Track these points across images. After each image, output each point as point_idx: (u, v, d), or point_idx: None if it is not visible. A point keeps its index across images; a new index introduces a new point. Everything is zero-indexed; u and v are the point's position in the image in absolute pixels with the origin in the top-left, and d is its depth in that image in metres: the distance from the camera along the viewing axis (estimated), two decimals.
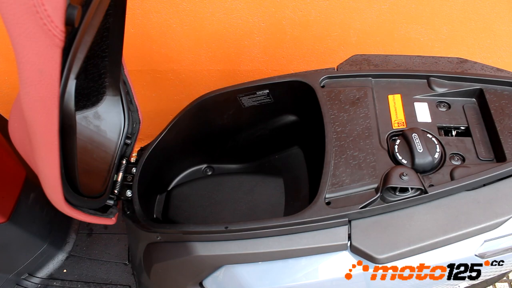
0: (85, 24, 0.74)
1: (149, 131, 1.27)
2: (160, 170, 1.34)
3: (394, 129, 1.08)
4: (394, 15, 1.67)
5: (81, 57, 0.76)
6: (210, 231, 1.00)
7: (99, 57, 1.05)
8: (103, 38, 1.02)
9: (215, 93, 1.22)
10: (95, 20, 0.81)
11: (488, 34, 1.75)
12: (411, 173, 0.96)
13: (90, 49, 0.94)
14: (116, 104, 1.18)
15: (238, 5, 1.60)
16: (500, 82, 1.12)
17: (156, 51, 1.78)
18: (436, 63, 1.23)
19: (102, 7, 0.84)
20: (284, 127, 1.33)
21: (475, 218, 0.95)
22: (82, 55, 0.76)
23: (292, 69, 1.21)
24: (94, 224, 1.63)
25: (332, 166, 1.01)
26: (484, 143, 1.06)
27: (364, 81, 1.18)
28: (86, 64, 1.00)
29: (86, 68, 1.02)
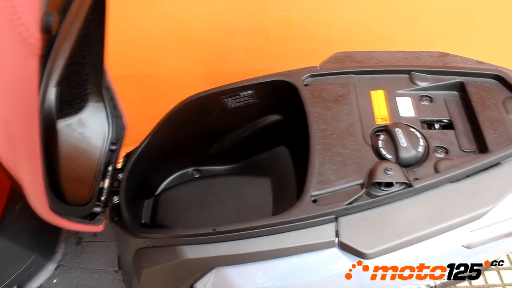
0: (63, 31, 0.74)
1: (135, 136, 1.27)
2: (147, 175, 1.33)
3: (378, 125, 1.09)
4: (376, 12, 1.68)
5: (60, 64, 0.76)
6: (198, 234, 1.00)
7: (81, 63, 1.04)
8: (84, 45, 1.01)
9: (199, 96, 1.21)
10: (74, 27, 0.81)
11: (468, 28, 1.77)
12: (396, 167, 0.97)
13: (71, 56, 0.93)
14: (100, 110, 1.18)
15: (220, 7, 1.60)
16: (481, 75, 1.14)
17: (139, 55, 1.78)
18: (417, 58, 1.24)
19: (81, 13, 0.84)
20: (269, 127, 1.34)
21: (460, 209, 0.96)
22: (61, 63, 0.76)
23: (276, 68, 1.22)
24: (83, 232, 1.62)
25: (317, 164, 1.02)
26: (466, 135, 1.07)
27: (346, 78, 1.18)
28: (67, 71, 1.00)
29: (67, 75, 1.01)
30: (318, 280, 1.03)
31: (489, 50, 1.86)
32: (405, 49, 1.31)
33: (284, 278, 1.03)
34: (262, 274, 1.04)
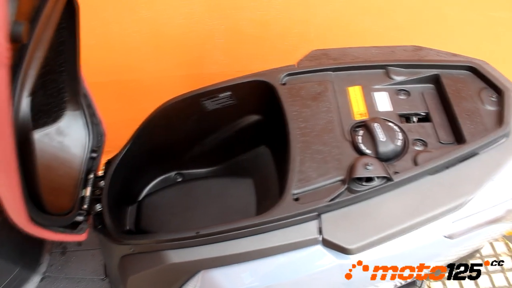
0: (35, 39, 0.73)
1: (116, 143, 1.26)
2: (129, 181, 1.33)
3: (356, 121, 1.09)
4: (351, 8, 1.69)
5: (33, 73, 0.75)
6: (182, 238, 1.00)
7: (56, 72, 1.03)
8: (58, 53, 1.01)
9: (177, 99, 1.21)
10: (46, 35, 0.80)
11: (441, 20, 1.79)
12: (376, 162, 0.97)
13: (45, 65, 0.93)
14: (78, 118, 1.17)
15: (196, 9, 1.60)
16: (455, 67, 1.15)
17: (117, 61, 1.77)
18: (392, 52, 1.25)
19: (53, 21, 0.83)
20: (250, 127, 1.34)
21: (441, 201, 0.97)
22: (34, 72, 0.75)
23: (255, 68, 1.22)
24: (67, 241, 1.61)
25: (297, 162, 1.02)
26: (444, 127, 1.08)
27: (324, 76, 1.19)
28: (42, 80, 0.99)
29: (43, 84, 1.00)
30: (305, 278, 1.03)
31: (462, 42, 1.89)
32: (380, 44, 1.32)
33: (271, 278, 1.03)
34: (249, 274, 1.03)
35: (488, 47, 1.94)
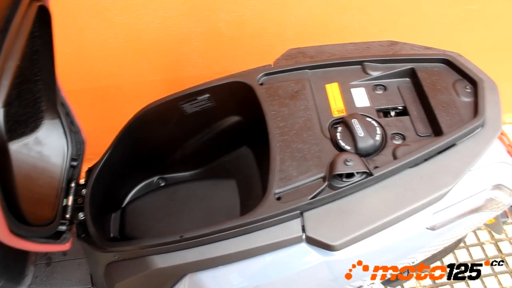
0: (5, 49, 0.72)
1: (98, 150, 1.25)
2: (111, 188, 1.32)
3: (335, 117, 1.10)
4: (327, 6, 1.70)
5: (7, 84, 0.74)
6: (166, 243, 1.00)
7: (32, 81, 1.02)
8: (32, 62, 0.99)
9: (155, 104, 1.21)
10: (18, 44, 0.79)
11: (417, 15, 1.81)
12: (355, 158, 0.98)
13: (19, 75, 0.92)
14: (57, 127, 1.16)
15: (171, 13, 1.60)
16: (430, 60, 1.17)
17: (94, 68, 1.75)
18: (368, 48, 1.26)
19: (24, 30, 0.82)
20: (230, 129, 1.34)
21: (421, 193, 0.98)
22: (7, 82, 0.74)
23: (233, 69, 1.22)
24: (52, 252, 1.59)
25: (278, 161, 1.02)
26: (421, 119, 1.09)
27: (301, 74, 1.20)
28: (17, 90, 0.98)
29: (18, 94, 0.99)
30: (292, 276, 1.03)
31: (438, 36, 1.91)
32: (357, 40, 1.33)
33: (258, 278, 1.04)
34: (237, 275, 1.04)
35: (462, 40, 1.97)
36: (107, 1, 1.51)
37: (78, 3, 1.49)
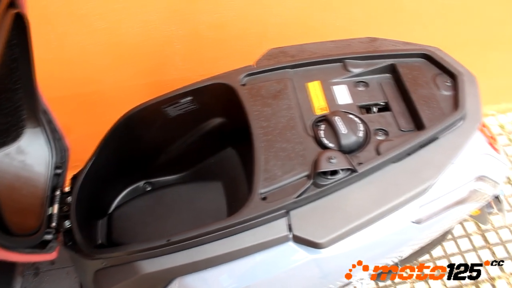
0: None
1: (84, 156, 1.24)
2: (97, 194, 1.31)
3: (317, 115, 1.11)
4: (308, 5, 1.71)
5: None
6: (153, 247, 0.99)
7: (11, 90, 1.01)
8: (11, 70, 0.98)
9: (138, 109, 1.20)
10: None
11: (397, 11, 1.82)
12: (339, 155, 0.98)
13: None
14: (39, 136, 1.15)
15: (152, 17, 1.59)
16: (410, 55, 1.18)
17: (77, 74, 1.74)
18: (349, 45, 1.27)
19: (1, 39, 0.82)
20: (214, 131, 1.33)
21: (405, 187, 0.99)
22: None
23: (217, 71, 1.22)
24: (40, 261, 1.57)
25: (262, 161, 1.02)
26: (403, 114, 1.10)
27: (282, 73, 1.20)
28: None
29: None
30: (281, 275, 1.03)
31: (418, 31, 1.93)
32: (338, 38, 1.33)
33: (248, 278, 1.04)
34: (226, 276, 1.04)
35: (441, 34, 1.98)
36: (86, 6, 1.50)
37: (57, 9, 1.48)
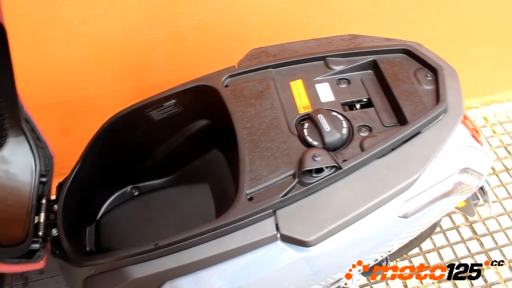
0: None
1: (70, 163, 1.24)
2: (84, 201, 1.30)
3: (301, 114, 1.11)
4: (289, 4, 1.71)
5: None
6: (141, 252, 0.99)
7: None
8: None
9: (121, 114, 1.20)
10: None
11: (378, 7, 1.83)
12: (323, 153, 0.99)
13: None
14: (22, 144, 1.14)
15: (132, 21, 1.59)
16: (390, 51, 1.18)
17: (59, 81, 1.73)
18: (330, 43, 1.27)
19: None
20: (199, 133, 1.33)
21: (390, 182, 1.00)
22: None
23: (200, 73, 1.22)
24: (29, 271, 1.56)
25: (247, 162, 1.03)
26: (386, 110, 1.11)
27: (265, 73, 1.20)
28: None
29: None
30: (272, 274, 1.03)
31: (399, 27, 1.94)
32: (320, 36, 1.34)
33: (238, 279, 1.03)
34: (217, 278, 1.04)
35: (422, 29, 2.00)
36: (66, 12, 1.49)
37: (36, 16, 1.47)
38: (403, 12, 1.88)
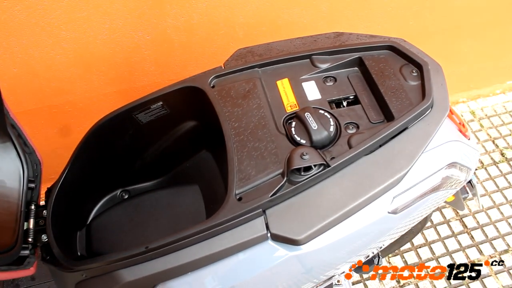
0: None
1: (59, 168, 1.23)
2: (73, 205, 1.29)
3: (288, 113, 1.11)
4: (274, 3, 1.71)
5: None
6: (131, 255, 0.98)
7: None
8: None
9: (109, 117, 1.19)
10: None
11: (363, 5, 1.84)
12: (311, 151, 0.99)
13: None
14: (9, 151, 1.13)
15: (117, 24, 1.58)
16: (375, 48, 1.19)
17: (46, 86, 1.72)
18: (315, 41, 1.27)
19: None
20: (187, 134, 1.33)
21: (379, 179, 1.00)
22: None
23: (187, 74, 1.22)
24: (20, 278, 1.55)
25: (236, 162, 1.03)
26: (372, 107, 1.12)
27: (251, 73, 1.20)
28: None
29: None
30: (265, 273, 1.03)
31: (384, 24, 1.95)
32: (307, 34, 1.34)
33: (230, 279, 1.03)
34: (210, 279, 1.03)
35: (407, 25, 2.01)
36: (50, 16, 1.48)
37: (20, 21, 1.46)
38: (388, 8, 1.89)
